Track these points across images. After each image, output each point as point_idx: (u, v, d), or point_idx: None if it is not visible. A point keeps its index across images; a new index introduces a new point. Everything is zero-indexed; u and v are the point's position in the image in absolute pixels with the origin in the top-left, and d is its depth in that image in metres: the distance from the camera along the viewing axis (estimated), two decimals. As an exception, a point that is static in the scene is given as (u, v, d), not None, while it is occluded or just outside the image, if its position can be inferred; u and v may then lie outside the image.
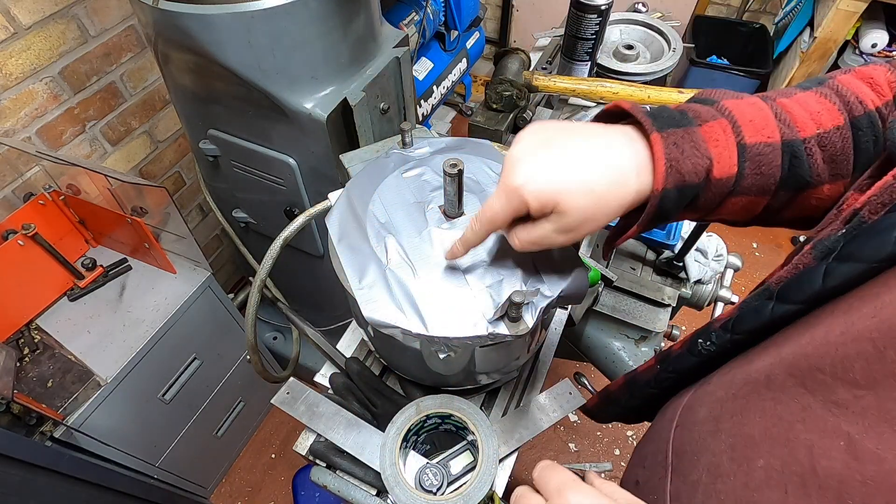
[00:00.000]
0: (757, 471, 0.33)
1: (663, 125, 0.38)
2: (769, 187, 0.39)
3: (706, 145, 0.38)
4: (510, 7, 2.67)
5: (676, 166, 0.37)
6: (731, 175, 0.38)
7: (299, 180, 1.08)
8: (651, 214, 0.39)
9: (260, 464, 1.75)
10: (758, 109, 0.39)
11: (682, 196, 0.38)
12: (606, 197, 0.38)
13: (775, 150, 0.38)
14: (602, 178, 0.38)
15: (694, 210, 0.41)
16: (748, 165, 0.38)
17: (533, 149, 0.40)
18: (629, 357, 1.00)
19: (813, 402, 0.30)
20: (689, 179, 0.38)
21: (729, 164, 0.38)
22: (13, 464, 0.82)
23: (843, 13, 1.71)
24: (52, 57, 1.17)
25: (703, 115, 0.39)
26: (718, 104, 0.40)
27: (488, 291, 0.50)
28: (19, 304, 1.14)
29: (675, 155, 0.37)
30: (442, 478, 0.58)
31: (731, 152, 0.38)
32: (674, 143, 0.37)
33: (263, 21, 0.82)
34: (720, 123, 0.39)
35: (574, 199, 0.38)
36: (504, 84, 0.99)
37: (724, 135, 0.38)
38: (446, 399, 0.61)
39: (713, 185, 0.38)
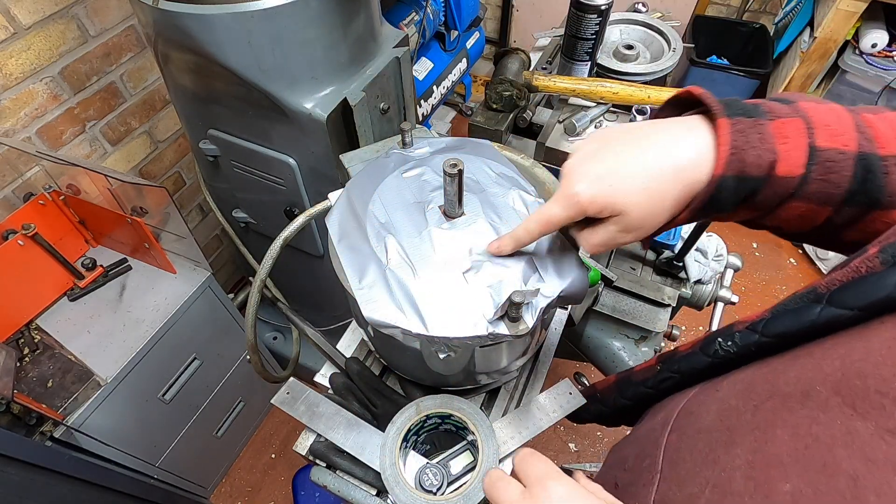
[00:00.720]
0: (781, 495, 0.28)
1: (733, 112, 0.38)
2: (834, 198, 0.37)
3: (774, 140, 0.37)
4: (510, 7, 2.67)
5: (739, 154, 0.36)
6: (796, 175, 0.37)
7: (299, 180, 1.08)
8: (704, 200, 0.38)
9: (260, 464, 1.75)
10: (837, 116, 0.38)
11: (740, 187, 0.37)
12: (662, 192, 0.39)
13: (848, 159, 0.36)
14: (656, 175, 0.38)
15: (751, 207, 0.39)
16: (816, 169, 0.37)
17: (589, 156, 0.42)
18: (629, 357, 1.00)
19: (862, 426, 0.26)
20: (751, 171, 0.36)
21: (796, 164, 0.36)
22: (13, 464, 0.82)
23: (843, 13, 1.71)
24: (52, 57, 1.17)
25: (777, 112, 0.38)
26: (795, 104, 0.39)
27: (488, 291, 0.50)
28: (19, 304, 1.14)
29: (741, 143, 0.36)
30: (442, 478, 0.58)
31: (801, 152, 0.36)
32: (740, 131, 0.37)
33: (263, 21, 0.82)
34: (794, 122, 0.37)
35: (631, 199, 0.39)
36: (504, 84, 0.99)
37: (796, 133, 0.37)
38: (446, 399, 0.61)
39: (775, 182, 0.37)
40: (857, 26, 1.78)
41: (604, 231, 0.43)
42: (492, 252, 0.51)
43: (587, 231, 0.45)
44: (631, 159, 0.40)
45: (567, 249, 0.54)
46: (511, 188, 0.58)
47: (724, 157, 0.36)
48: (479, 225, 0.54)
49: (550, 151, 1.00)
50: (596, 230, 0.44)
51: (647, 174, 0.39)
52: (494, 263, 0.52)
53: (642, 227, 0.41)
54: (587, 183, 0.40)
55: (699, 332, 1.97)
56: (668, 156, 0.39)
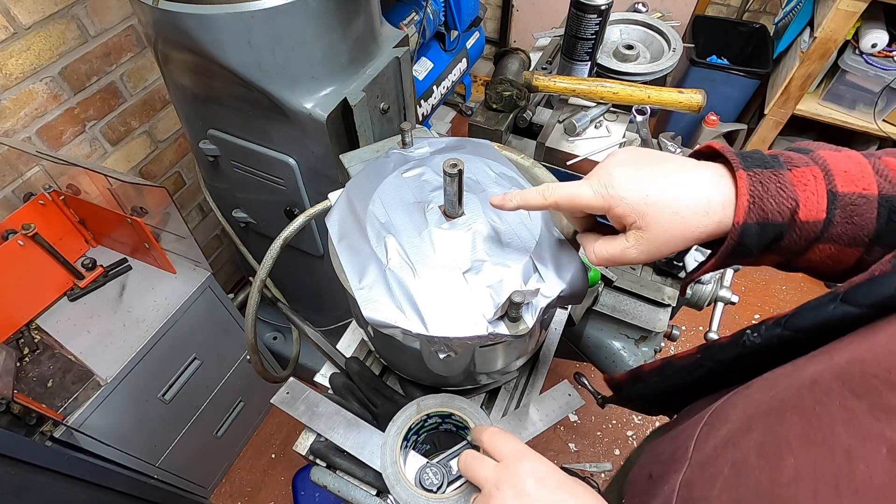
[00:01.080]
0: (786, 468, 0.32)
1: (751, 165, 0.40)
2: (862, 239, 0.39)
3: (794, 188, 0.39)
4: (510, 7, 2.67)
5: (760, 203, 0.38)
6: (818, 220, 0.39)
7: (299, 180, 1.08)
8: (730, 248, 0.40)
9: (260, 464, 1.75)
10: (855, 162, 0.40)
11: (765, 233, 0.39)
12: (690, 221, 0.40)
13: (870, 202, 0.38)
14: (689, 202, 0.40)
15: (779, 252, 0.41)
16: (838, 213, 0.38)
17: (630, 162, 0.43)
18: (629, 357, 1.00)
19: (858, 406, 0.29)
20: (773, 218, 0.39)
21: (817, 210, 0.38)
22: (13, 464, 0.82)
23: (843, 13, 1.71)
24: (52, 57, 1.17)
25: (795, 161, 0.40)
26: (813, 153, 0.41)
27: (488, 291, 0.50)
28: (19, 304, 1.14)
29: (760, 192, 0.38)
30: (442, 477, 0.58)
31: (820, 198, 0.38)
32: (759, 182, 0.39)
33: (263, 21, 0.82)
34: (812, 170, 0.39)
35: (660, 217, 0.41)
36: (504, 84, 0.99)
37: (815, 181, 0.39)
38: (447, 398, 0.61)
39: (798, 226, 0.39)
40: (857, 26, 1.78)
41: (618, 243, 0.44)
42: (494, 203, 0.50)
43: (601, 242, 0.46)
44: (670, 184, 0.41)
45: (567, 249, 0.54)
46: (511, 188, 0.58)
47: (744, 207, 0.38)
48: (479, 225, 0.54)
49: (550, 151, 1.00)
50: (610, 241, 0.45)
51: (681, 203, 0.40)
52: (494, 263, 0.52)
53: (656, 250, 0.42)
54: (625, 184, 0.42)
55: (699, 332, 1.97)
56: (702, 192, 0.40)
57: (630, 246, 0.43)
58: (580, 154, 0.98)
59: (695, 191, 0.40)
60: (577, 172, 1.02)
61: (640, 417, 1.85)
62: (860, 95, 1.92)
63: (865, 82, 1.87)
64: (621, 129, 1.01)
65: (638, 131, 0.98)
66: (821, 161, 0.40)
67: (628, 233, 0.43)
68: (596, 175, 0.44)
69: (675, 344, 1.99)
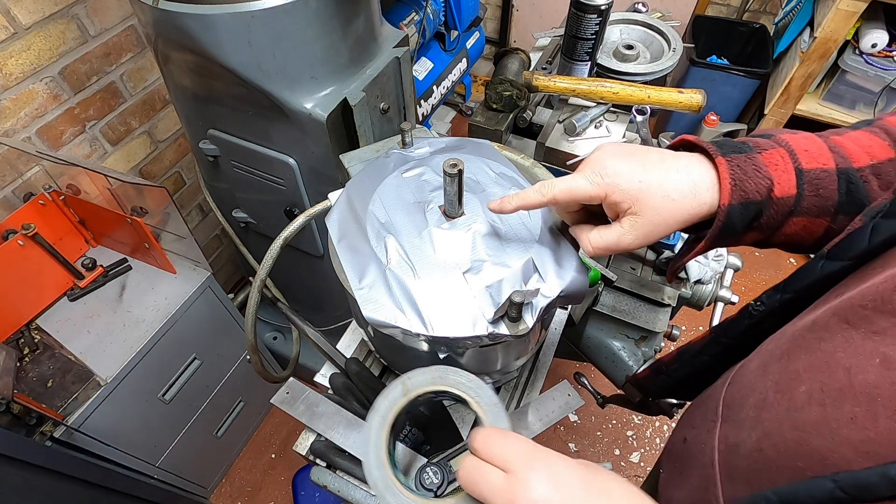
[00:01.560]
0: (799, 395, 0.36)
1: (727, 151, 0.43)
2: (829, 209, 0.43)
3: (767, 169, 0.43)
4: (510, 7, 2.67)
5: (741, 184, 0.42)
6: (791, 195, 0.43)
7: (299, 180, 1.08)
8: (718, 228, 0.43)
9: (260, 464, 1.75)
10: (812, 142, 0.45)
11: (747, 211, 0.43)
12: (681, 203, 0.43)
13: (831, 175, 0.43)
14: (678, 185, 0.43)
15: (759, 229, 0.45)
16: (807, 188, 0.43)
17: (619, 154, 0.45)
18: (629, 357, 1.00)
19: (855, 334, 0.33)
20: (753, 197, 0.42)
21: (789, 185, 0.43)
22: (13, 464, 0.82)
23: (843, 13, 1.71)
24: (52, 57, 1.17)
25: (762, 145, 0.44)
26: (776, 137, 0.45)
27: (488, 291, 0.50)
28: (19, 304, 1.14)
29: (739, 175, 0.42)
30: (442, 477, 0.58)
31: (790, 175, 0.43)
32: (737, 166, 0.42)
33: (263, 21, 0.82)
34: (778, 152, 0.44)
35: (653, 200, 0.43)
36: (504, 84, 0.99)
37: (783, 161, 0.43)
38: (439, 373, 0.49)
39: (775, 203, 0.43)
40: (857, 26, 1.78)
41: (612, 231, 0.45)
42: (492, 208, 0.50)
43: (596, 231, 0.47)
44: (658, 171, 0.44)
45: (567, 249, 0.54)
46: (511, 188, 0.58)
47: (728, 189, 0.42)
48: (479, 225, 0.54)
49: (550, 151, 1.00)
50: (605, 230, 0.46)
51: (671, 186, 0.43)
52: (494, 263, 0.52)
53: (650, 234, 0.44)
54: (619, 171, 0.44)
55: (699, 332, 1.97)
56: (689, 176, 0.44)
57: (625, 231, 0.45)
58: (580, 154, 0.98)
59: (683, 175, 0.43)
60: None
61: (640, 417, 1.85)
62: (860, 95, 1.92)
63: (865, 82, 1.87)
64: (621, 129, 1.01)
65: (638, 131, 0.98)
66: (784, 143, 0.44)
67: (622, 219, 0.45)
68: (589, 167, 0.45)
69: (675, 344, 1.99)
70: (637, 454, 1.77)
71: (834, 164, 0.43)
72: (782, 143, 0.44)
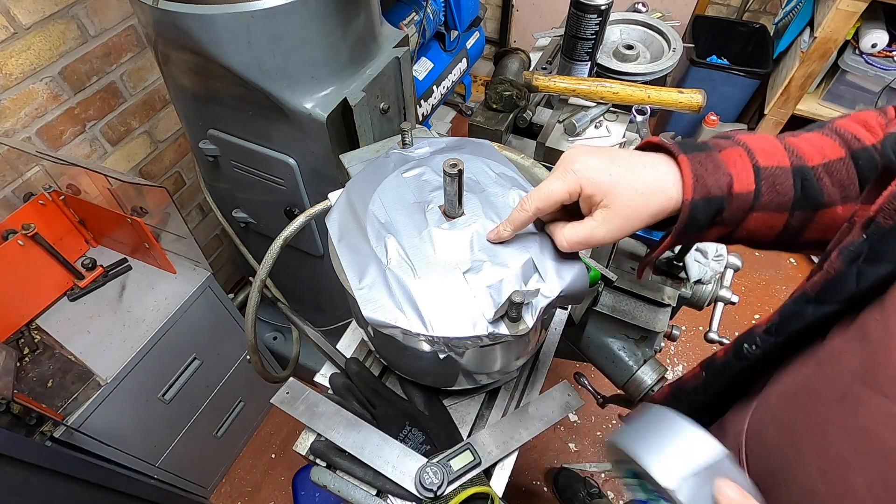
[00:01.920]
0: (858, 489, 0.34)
1: (689, 150, 0.46)
2: (785, 204, 0.46)
3: (726, 166, 0.45)
4: (510, 7, 2.67)
5: (702, 180, 0.44)
6: (749, 191, 0.45)
7: (299, 180, 1.08)
8: (684, 223, 0.45)
9: (260, 464, 1.75)
10: (767, 142, 0.47)
11: (709, 207, 0.45)
12: (650, 197, 0.45)
13: (786, 172, 0.45)
14: (647, 180, 0.45)
15: (722, 224, 0.47)
16: (764, 184, 0.45)
17: (589, 151, 0.48)
18: (629, 357, 1.00)
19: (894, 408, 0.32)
20: (714, 192, 0.44)
21: (747, 182, 0.45)
22: (13, 464, 0.82)
23: (843, 13, 1.71)
24: (52, 57, 1.17)
25: (722, 145, 0.47)
26: (734, 138, 0.48)
27: (488, 291, 0.50)
28: (19, 304, 1.14)
29: (700, 172, 0.44)
30: (443, 476, 0.58)
31: (748, 172, 0.45)
32: (698, 162, 0.45)
33: (263, 21, 0.82)
34: (737, 150, 0.46)
35: (623, 194, 0.45)
36: (504, 84, 0.99)
37: (741, 159, 0.46)
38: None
39: (735, 198, 0.45)
40: (857, 26, 1.78)
41: (585, 225, 0.47)
42: (491, 239, 0.53)
43: (570, 226, 0.49)
44: (627, 167, 0.46)
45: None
46: (511, 188, 0.58)
47: (690, 184, 0.44)
48: (479, 225, 0.54)
49: (550, 151, 1.00)
50: (578, 224, 0.48)
51: (639, 180, 0.45)
52: (494, 263, 0.52)
53: (622, 226, 0.46)
54: (589, 167, 0.46)
55: (699, 332, 1.97)
56: (654, 172, 0.46)
57: (598, 224, 0.47)
58: (580, 154, 0.98)
59: (650, 170, 0.46)
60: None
61: (640, 417, 1.85)
62: (860, 95, 1.92)
63: (865, 82, 1.87)
64: (621, 129, 1.01)
65: (638, 131, 0.98)
66: (742, 143, 0.47)
67: (595, 212, 0.47)
68: (561, 167, 0.48)
69: (676, 344, 1.99)
70: (637, 454, 1.77)
71: (789, 163, 0.46)
72: (740, 142, 0.47)
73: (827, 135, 0.48)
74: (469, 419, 0.70)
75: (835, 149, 0.46)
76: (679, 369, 1.94)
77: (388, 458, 0.60)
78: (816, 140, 0.47)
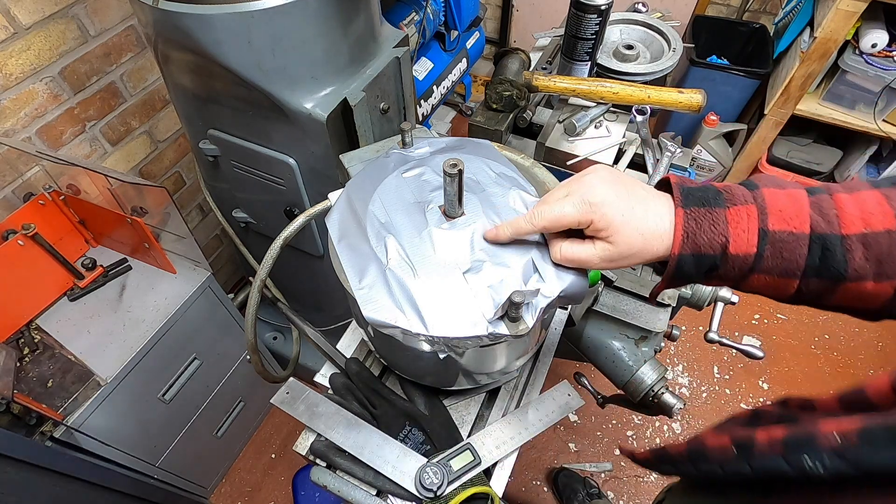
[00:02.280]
0: None
1: (690, 203, 0.45)
2: (794, 271, 0.43)
3: (727, 226, 0.43)
4: (510, 7, 2.67)
5: (693, 237, 0.44)
6: (749, 253, 0.43)
7: (299, 180, 1.08)
8: (671, 273, 0.46)
9: (260, 464, 1.75)
10: (793, 201, 0.43)
11: (700, 262, 0.44)
12: (650, 242, 0.46)
13: (799, 239, 0.42)
14: (650, 226, 0.45)
15: (719, 279, 0.46)
16: (768, 249, 0.42)
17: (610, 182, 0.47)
18: (629, 357, 1.00)
19: None
20: (705, 250, 0.44)
21: (747, 244, 0.43)
22: (13, 464, 0.82)
23: (843, 13, 1.71)
24: (52, 57, 1.17)
25: (736, 199, 0.44)
26: (757, 190, 0.45)
27: (488, 291, 0.50)
28: (19, 304, 1.14)
29: (693, 228, 0.44)
30: (442, 476, 0.58)
31: (752, 234, 0.43)
32: (694, 219, 0.44)
33: (263, 21, 0.82)
34: (747, 209, 0.44)
35: (628, 235, 0.45)
36: (504, 84, 0.99)
37: (748, 219, 0.43)
38: None
39: (731, 258, 0.43)
40: (857, 26, 1.78)
41: (585, 249, 0.48)
42: (488, 238, 0.53)
43: (568, 243, 0.50)
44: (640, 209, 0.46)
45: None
46: (511, 188, 0.58)
47: (679, 240, 0.44)
48: (479, 225, 0.54)
49: (550, 151, 1.00)
50: (577, 244, 0.49)
51: (645, 225, 0.46)
52: (494, 263, 0.52)
53: (617, 262, 0.47)
54: (608, 203, 0.46)
55: (699, 332, 1.97)
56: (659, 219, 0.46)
57: (596, 253, 0.47)
58: (580, 154, 0.98)
59: (655, 217, 0.46)
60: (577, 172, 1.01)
61: (640, 417, 1.85)
62: (860, 95, 1.91)
63: (865, 82, 1.87)
64: (621, 129, 1.01)
65: (638, 131, 0.98)
66: (760, 199, 0.44)
67: (597, 242, 0.47)
68: (578, 192, 0.47)
69: (676, 344, 1.99)
70: (637, 454, 1.77)
71: (808, 229, 0.42)
72: (758, 198, 0.44)
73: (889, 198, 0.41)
74: (469, 419, 0.70)
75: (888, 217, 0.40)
76: (679, 369, 1.94)
77: (388, 458, 0.61)
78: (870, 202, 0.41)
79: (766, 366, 1.94)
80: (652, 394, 0.89)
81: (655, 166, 0.98)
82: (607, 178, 0.48)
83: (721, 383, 1.91)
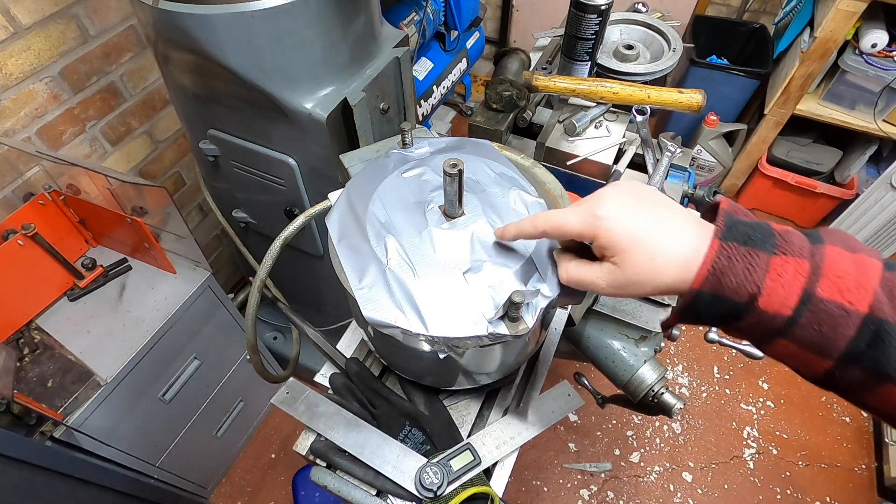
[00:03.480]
0: None
1: (731, 237, 0.38)
2: (829, 352, 0.36)
3: (765, 275, 0.37)
4: (510, 7, 2.67)
5: (719, 275, 0.37)
6: (782, 315, 0.36)
7: (299, 180, 1.08)
8: (682, 307, 0.40)
9: (260, 464, 1.75)
10: (860, 271, 0.36)
11: (718, 304, 0.38)
12: (662, 270, 0.40)
13: (850, 317, 0.35)
14: (668, 251, 0.40)
15: (739, 332, 0.40)
16: (806, 316, 0.36)
17: (626, 196, 0.43)
18: (629, 357, 1.00)
19: None
20: (728, 294, 0.37)
21: (782, 303, 0.36)
22: (13, 464, 0.82)
23: (843, 13, 1.71)
24: (52, 57, 1.17)
25: (790, 248, 0.37)
26: (820, 245, 0.38)
27: (488, 291, 0.50)
28: (19, 304, 1.14)
29: (723, 266, 0.37)
30: (442, 477, 0.58)
31: (790, 293, 0.36)
32: (727, 256, 0.37)
33: (263, 21, 0.82)
34: (798, 262, 0.37)
35: (637, 259, 0.41)
36: (504, 84, 0.99)
37: (793, 275, 0.36)
38: None
39: (758, 313, 0.37)
40: (857, 26, 1.78)
41: (590, 271, 0.45)
42: (496, 236, 0.53)
43: (575, 263, 0.47)
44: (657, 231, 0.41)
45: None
46: (511, 188, 0.58)
47: (703, 275, 0.38)
48: (479, 225, 0.54)
49: (550, 151, 1.00)
50: (584, 266, 0.46)
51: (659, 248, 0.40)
52: (494, 263, 0.52)
53: (625, 288, 0.42)
54: (616, 218, 0.42)
55: (699, 332, 1.97)
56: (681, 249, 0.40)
57: (601, 276, 0.43)
58: (580, 154, 0.98)
59: (677, 243, 0.40)
60: (577, 172, 1.01)
61: (640, 417, 1.85)
62: (860, 95, 1.91)
63: (865, 82, 1.87)
64: (621, 129, 1.01)
65: (638, 131, 0.98)
66: (818, 256, 0.37)
67: (603, 264, 0.44)
68: (588, 202, 0.44)
69: (676, 344, 1.99)
70: (637, 454, 1.77)
71: (867, 308, 0.34)
72: (816, 255, 0.37)
73: None
74: (469, 419, 0.70)
75: None
76: (679, 369, 1.94)
77: (388, 458, 0.61)
78: None
79: (766, 366, 1.94)
80: (652, 394, 0.89)
81: (655, 166, 0.98)
82: (625, 191, 0.43)
83: (721, 383, 1.91)
